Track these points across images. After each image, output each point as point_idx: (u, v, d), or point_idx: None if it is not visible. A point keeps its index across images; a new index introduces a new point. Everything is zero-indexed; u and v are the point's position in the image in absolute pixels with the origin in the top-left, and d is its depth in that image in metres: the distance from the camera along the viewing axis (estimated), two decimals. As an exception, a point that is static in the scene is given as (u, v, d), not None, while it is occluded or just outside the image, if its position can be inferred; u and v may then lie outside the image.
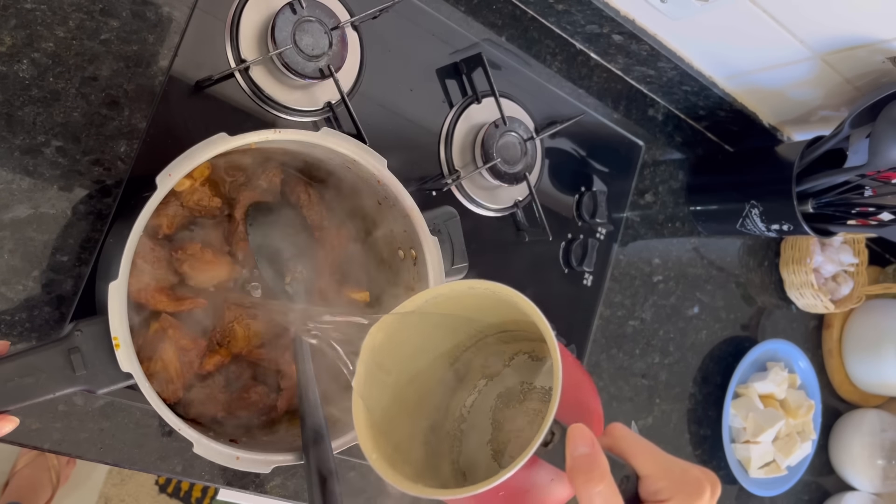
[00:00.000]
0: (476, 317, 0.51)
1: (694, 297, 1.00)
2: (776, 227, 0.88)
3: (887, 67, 0.79)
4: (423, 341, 0.51)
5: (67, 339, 0.49)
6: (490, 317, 0.51)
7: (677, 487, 0.37)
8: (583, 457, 0.36)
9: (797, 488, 1.11)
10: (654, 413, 0.96)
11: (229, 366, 0.60)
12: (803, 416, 1.03)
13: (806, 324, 1.15)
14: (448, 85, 0.76)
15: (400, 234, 0.62)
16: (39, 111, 0.57)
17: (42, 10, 0.56)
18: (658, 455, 0.38)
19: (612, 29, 0.81)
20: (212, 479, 0.64)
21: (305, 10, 0.63)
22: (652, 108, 0.94)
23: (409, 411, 0.51)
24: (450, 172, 0.75)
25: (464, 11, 0.77)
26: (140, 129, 0.60)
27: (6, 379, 0.47)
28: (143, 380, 0.48)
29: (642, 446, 0.38)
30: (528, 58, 0.82)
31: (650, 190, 0.94)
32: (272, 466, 0.53)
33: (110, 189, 0.59)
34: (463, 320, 0.51)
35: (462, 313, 0.50)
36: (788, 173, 0.85)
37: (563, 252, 0.84)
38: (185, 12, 0.62)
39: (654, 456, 0.38)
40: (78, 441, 0.58)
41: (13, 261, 0.56)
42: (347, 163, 0.58)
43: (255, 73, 0.64)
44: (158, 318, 0.57)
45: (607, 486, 0.36)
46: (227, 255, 0.60)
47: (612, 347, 0.91)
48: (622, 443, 0.39)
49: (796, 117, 0.96)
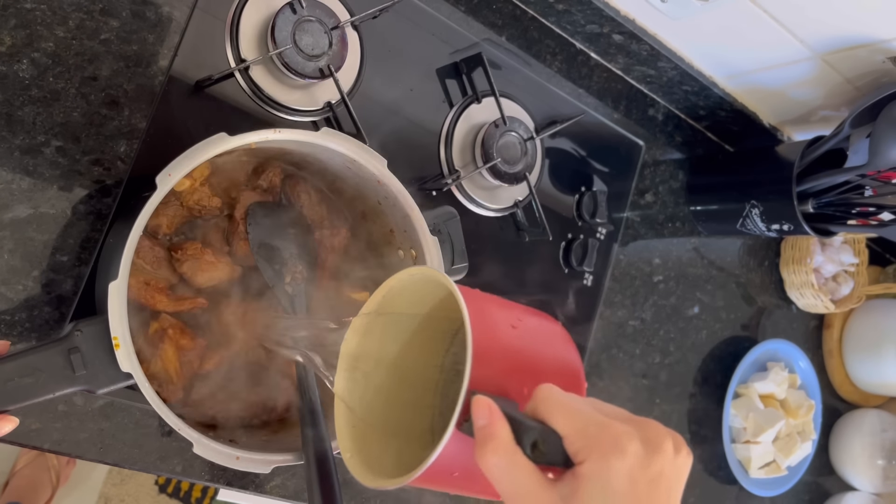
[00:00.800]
0: (440, 314, 0.51)
1: (694, 297, 1.00)
2: (776, 227, 0.88)
3: (887, 67, 0.79)
4: (405, 345, 0.51)
5: (67, 339, 0.49)
6: (450, 310, 0.51)
7: (592, 446, 0.34)
8: (480, 429, 0.35)
9: (797, 488, 1.11)
10: (654, 413, 0.96)
11: (229, 366, 0.60)
12: (803, 416, 1.03)
13: (806, 324, 1.15)
14: (448, 85, 0.76)
15: (400, 234, 0.62)
16: (39, 111, 0.57)
17: (42, 10, 0.56)
18: (577, 414, 0.35)
19: (613, 29, 0.81)
20: (212, 479, 0.64)
21: (305, 10, 0.63)
22: (652, 107, 0.94)
23: (409, 409, 0.51)
24: (450, 172, 0.75)
25: (464, 11, 0.77)
26: (140, 129, 0.60)
27: (6, 379, 0.47)
28: (142, 380, 0.48)
29: (560, 406, 0.36)
30: (529, 58, 0.82)
31: (650, 190, 0.94)
32: (272, 466, 0.53)
33: (110, 189, 0.59)
34: (435, 320, 0.51)
35: (422, 311, 0.50)
36: (789, 173, 0.84)
37: (563, 252, 0.84)
38: (185, 12, 0.62)
39: (572, 415, 0.35)
40: (78, 441, 0.58)
41: (13, 261, 0.56)
42: (347, 163, 0.58)
43: (255, 72, 0.64)
44: (158, 318, 0.57)
45: (502, 457, 0.34)
46: (227, 255, 0.60)
47: (613, 347, 0.91)
48: (541, 405, 0.36)
49: (796, 117, 0.96)
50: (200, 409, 0.58)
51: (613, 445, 0.34)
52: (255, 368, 0.62)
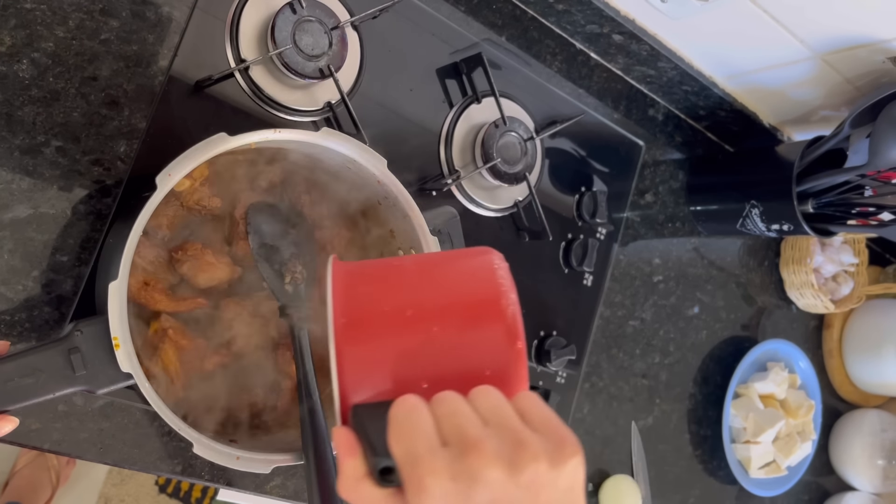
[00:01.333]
0: None
1: (694, 297, 1.00)
2: (776, 227, 0.88)
3: (887, 67, 0.79)
4: None
5: (67, 339, 0.49)
6: None
7: (406, 483, 0.32)
8: (338, 463, 0.35)
9: (797, 488, 1.11)
10: (654, 413, 0.96)
11: (229, 366, 0.60)
12: (803, 416, 1.03)
13: (806, 324, 1.15)
14: (448, 85, 0.76)
15: (400, 234, 0.62)
16: (39, 111, 0.57)
17: (42, 10, 0.56)
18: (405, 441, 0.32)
19: (613, 29, 0.81)
20: (212, 479, 0.64)
21: (305, 10, 0.63)
22: (652, 108, 0.94)
23: None
24: (450, 172, 0.75)
25: (464, 11, 0.77)
26: (140, 129, 0.60)
27: (6, 379, 0.47)
28: (142, 380, 0.48)
29: (395, 430, 0.33)
30: (529, 58, 0.82)
31: (650, 190, 0.94)
32: (272, 466, 0.53)
33: (110, 189, 0.59)
34: None
35: None
36: (788, 173, 0.84)
37: (563, 252, 0.84)
38: (185, 12, 0.62)
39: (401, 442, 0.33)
40: (78, 441, 0.58)
41: (13, 261, 0.56)
42: (347, 163, 0.58)
43: (255, 72, 0.64)
44: (158, 318, 0.57)
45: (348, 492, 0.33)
46: (227, 255, 0.60)
47: (613, 347, 0.91)
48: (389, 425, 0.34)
49: (796, 117, 0.96)
50: (200, 409, 0.58)
51: (417, 488, 0.31)
52: (255, 368, 0.62)
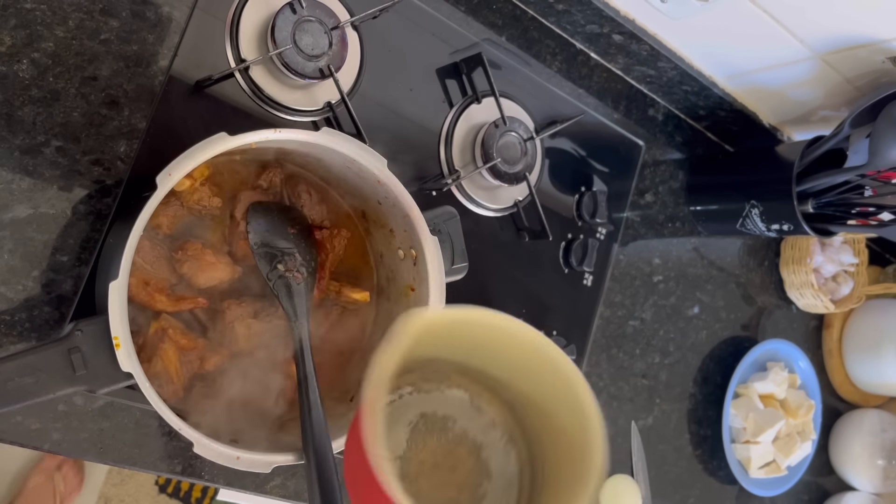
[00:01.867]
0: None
1: (694, 297, 1.00)
2: (776, 227, 0.88)
3: (887, 67, 0.79)
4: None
5: (67, 339, 0.49)
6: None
7: None
8: None
9: (797, 488, 1.11)
10: (654, 413, 0.96)
11: (229, 365, 0.60)
12: (803, 416, 1.03)
13: (806, 324, 1.15)
14: (448, 85, 0.76)
15: (400, 234, 0.62)
16: (39, 111, 0.57)
17: (42, 10, 0.56)
18: None
19: (613, 29, 0.81)
20: (212, 479, 0.64)
21: (305, 10, 0.63)
22: (652, 107, 0.94)
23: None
24: (450, 172, 0.75)
25: (464, 11, 0.77)
26: (140, 129, 0.60)
27: (6, 379, 0.47)
28: (143, 380, 0.48)
29: None
30: (528, 58, 0.82)
31: (650, 190, 0.94)
32: (272, 466, 0.53)
33: (110, 189, 0.59)
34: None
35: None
36: (788, 173, 0.84)
37: (563, 252, 0.84)
38: (185, 12, 0.62)
39: None
40: (78, 441, 0.58)
41: (13, 261, 0.56)
42: (347, 163, 0.58)
43: (255, 72, 0.64)
44: (158, 318, 0.57)
45: None
46: (227, 255, 0.60)
47: (613, 347, 0.91)
48: None
49: (796, 117, 0.96)
50: (201, 409, 0.57)
51: None
52: (255, 368, 0.62)
